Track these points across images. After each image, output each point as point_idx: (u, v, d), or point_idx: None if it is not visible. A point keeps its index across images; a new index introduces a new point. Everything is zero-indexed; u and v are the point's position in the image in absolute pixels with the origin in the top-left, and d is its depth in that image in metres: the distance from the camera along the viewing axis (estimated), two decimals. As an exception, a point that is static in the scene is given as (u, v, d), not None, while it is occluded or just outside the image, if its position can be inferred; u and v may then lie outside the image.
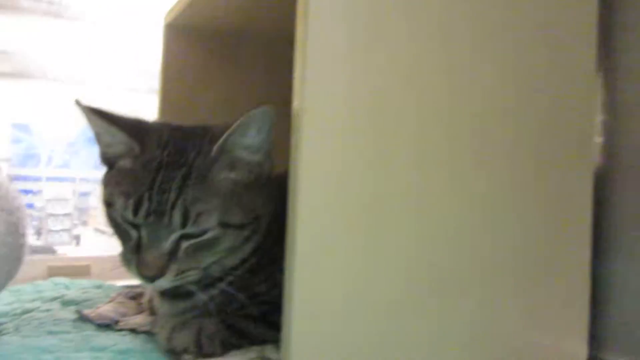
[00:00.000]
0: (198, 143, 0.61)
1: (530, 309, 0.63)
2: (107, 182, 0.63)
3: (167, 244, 0.58)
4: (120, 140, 0.61)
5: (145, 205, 0.57)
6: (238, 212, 0.60)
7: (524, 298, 0.63)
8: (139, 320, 0.74)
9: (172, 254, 0.58)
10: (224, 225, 0.59)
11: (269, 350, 0.61)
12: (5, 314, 0.75)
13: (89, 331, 0.69)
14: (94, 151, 0.64)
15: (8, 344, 0.59)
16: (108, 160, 0.64)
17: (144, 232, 0.58)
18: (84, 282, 0.95)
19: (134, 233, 0.59)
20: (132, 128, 0.62)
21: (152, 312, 0.79)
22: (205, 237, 0.59)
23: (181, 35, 1.06)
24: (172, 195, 0.57)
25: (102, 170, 0.65)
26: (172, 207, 0.57)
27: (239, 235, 0.61)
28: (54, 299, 0.83)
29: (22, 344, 0.59)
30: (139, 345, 0.65)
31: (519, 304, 0.63)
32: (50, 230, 2.67)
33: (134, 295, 0.87)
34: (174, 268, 0.58)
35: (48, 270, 1.00)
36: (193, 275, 0.60)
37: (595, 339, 0.68)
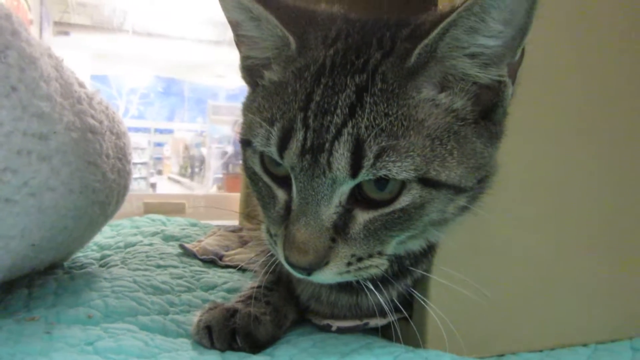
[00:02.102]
0: (388, 39, 0.37)
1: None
2: (246, 109, 0.41)
3: (330, 209, 0.35)
4: (269, 34, 0.38)
5: (297, 135, 0.34)
6: (455, 165, 0.35)
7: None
8: (244, 256, 0.69)
9: (341, 226, 0.35)
10: (426, 182, 0.35)
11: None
12: (108, 247, 0.72)
13: (197, 267, 0.64)
14: (167, 102, 0.54)
15: (120, 279, 0.54)
16: (250, 72, 0.42)
17: (295, 188, 0.35)
18: (180, 219, 0.91)
19: (280, 193, 0.38)
20: (288, 15, 0.39)
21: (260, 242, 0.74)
22: (399, 200, 0.35)
23: None
24: (338, 118, 0.34)
25: (174, 122, 0.56)
26: (336, 138, 0.34)
27: (451, 203, 0.37)
28: (155, 234, 0.79)
29: (134, 279, 0.54)
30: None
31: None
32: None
33: (235, 229, 0.82)
34: (344, 252, 0.36)
35: (144, 207, 0.97)
36: (376, 266, 0.37)
37: None
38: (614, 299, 0.55)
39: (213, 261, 0.67)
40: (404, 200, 0.34)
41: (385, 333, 0.47)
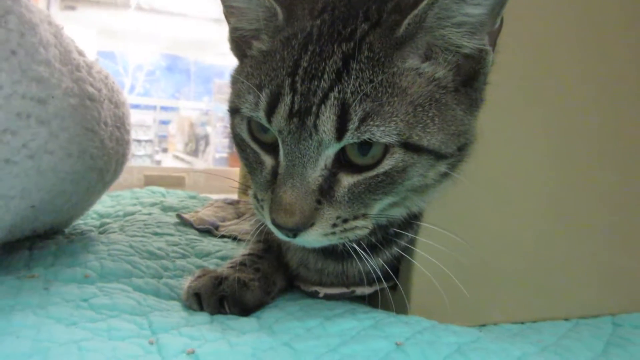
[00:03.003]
0: (374, 12, 0.38)
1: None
2: (235, 80, 0.42)
3: (316, 171, 0.36)
4: (257, 4, 0.39)
5: (285, 100, 0.36)
6: (436, 131, 0.37)
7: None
8: (239, 227, 0.70)
9: (326, 189, 0.37)
10: (408, 146, 0.36)
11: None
12: (108, 215, 0.74)
13: (192, 235, 0.66)
14: (172, 80, 0.54)
15: (117, 243, 0.56)
16: (239, 44, 0.43)
17: (282, 152, 0.37)
18: (179, 192, 0.93)
19: (267, 158, 0.39)
20: None
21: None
22: (382, 163, 0.36)
23: None
24: (325, 83, 0.35)
25: (180, 100, 0.57)
26: (323, 101, 0.35)
27: (432, 168, 0.38)
28: (153, 204, 0.81)
29: (130, 244, 0.56)
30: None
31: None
32: (134, 155, 2.77)
33: (232, 202, 0.84)
34: (329, 214, 0.37)
35: (145, 179, 0.98)
36: (359, 228, 0.39)
37: None
38: (598, 276, 0.56)
39: (209, 231, 0.69)
40: (387, 164, 0.36)
41: (372, 302, 0.49)
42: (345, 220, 0.37)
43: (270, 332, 0.38)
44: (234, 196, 1.00)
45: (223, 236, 0.68)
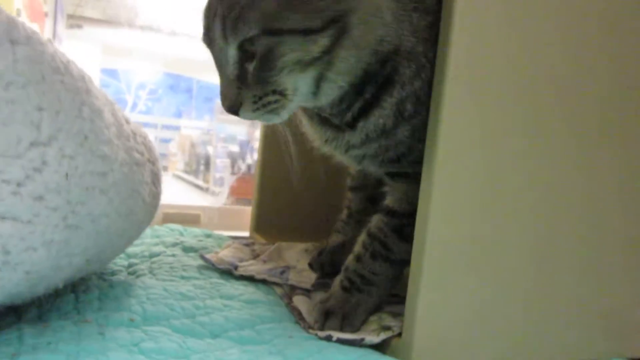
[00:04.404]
0: None
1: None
2: None
3: (230, 67, 0.49)
4: None
5: (206, 18, 0.50)
6: (290, 12, 0.45)
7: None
8: (257, 267, 0.77)
9: (241, 79, 0.49)
10: (271, 32, 0.46)
11: (387, 320, 0.61)
12: (135, 255, 0.81)
13: (215, 278, 0.73)
14: (175, 98, 0.64)
15: (153, 287, 0.63)
16: None
17: (215, 59, 0.51)
18: (196, 230, 1.00)
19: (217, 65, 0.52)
20: None
21: (271, 256, 0.83)
22: (258, 51, 0.47)
23: None
24: (214, 6, 0.49)
25: (181, 119, 0.67)
26: (213, 19, 0.48)
27: (306, 46, 0.47)
28: (175, 244, 0.88)
29: (164, 287, 0.64)
30: (262, 296, 0.68)
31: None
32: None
33: (248, 243, 0.91)
34: (248, 95, 0.49)
35: (163, 217, 1.06)
36: (275, 102, 0.50)
37: None
38: (594, 320, 0.62)
39: (229, 271, 0.76)
40: (260, 47, 0.47)
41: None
42: (260, 97, 0.49)
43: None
44: (246, 233, 1.08)
45: (242, 276, 0.75)
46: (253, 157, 5.24)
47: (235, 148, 5.31)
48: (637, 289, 0.64)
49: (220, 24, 0.47)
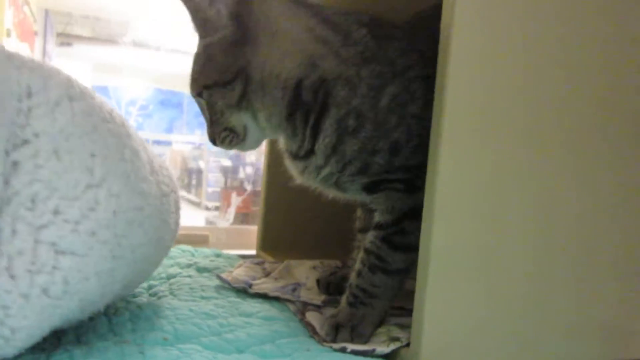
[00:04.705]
0: None
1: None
2: None
3: (204, 112, 0.66)
4: None
5: None
6: (211, 72, 0.61)
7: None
8: (269, 285, 0.83)
9: (211, 120, 0.65)
10: (206, 86, 0.62)
11: (395, 331, 0.68)
12: (153, 277, 0.86)
13: (232, 297, 0.78)
14: (165, 114, 0.75)
15: (179, 308, 0.69)
16: None
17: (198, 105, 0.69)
18: (206, 250, 1.06)
19: None
20: None
21: (281, 274, 0.89)
22: (207, 101, 0.64)
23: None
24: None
25: (173, 134, 0.79)
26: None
27: (227, 93, 0.61)
28: (189, 265, 0.93)
29: (189, 308, 0.69)
30: (278, 312, 0.74)
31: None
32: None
33: (258, 262, 0.97)
34: (216, 132, 0.66)
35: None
36: (229, 138, 0.65)
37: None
38: (592, 328, 0.65)
39: (244, 289, 0.82)
40: (205, 98, 0.65)
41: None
42: (219, 134, 0.66)
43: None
44: (253, 251, 1.13)
45: (257, 294, 0.81)
46: (245, 171, 5.26)
47: (227, 162, 5.33)
48: (633, 299, 0.68)
49: (190, 82, 0.65)
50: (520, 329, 0.62)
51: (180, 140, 6.40)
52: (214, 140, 0.67)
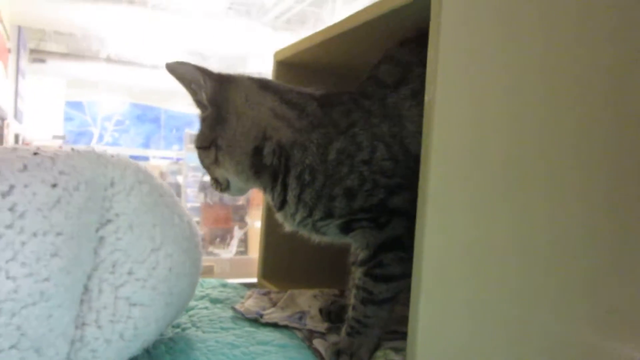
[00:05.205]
0: None
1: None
2: None
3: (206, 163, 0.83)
4: None
5: None
6: (199, 138, 0.80)
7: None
8: (278, 315, 0.95)
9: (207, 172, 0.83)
10: (199, 147, 0.80)
11: (391, 355, 0.81)
12: (173, 309, 0.97)
13: (247, 327, 0.90)
14: (143, 129, 0.87)
15: (205, 341, 0.80)
16: None
17: None
18: (212, 281, 1.17)
19: None
20: None
21: (286, 303, 1.01)
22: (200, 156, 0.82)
23: (287, 69, 1.24)
24: None
25: (150, 149, 0.91)
26: None
27: (208, 155, 0.79)
28: (202, 297, 1.05)
29: (215, 339, 0.81)
30: (289, 340, 0.86)
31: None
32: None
33: (265, 292, 1.09)
34: (210, 180, 0.83)
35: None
36: (215, 185, 0.83)
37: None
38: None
39: (255, 319, 0.94)
40: (199, 156, 0.84)
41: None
42: (210, 179, 0.85)
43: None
44: (254, 279, 1.25)
45: (268, 323, 0.93)
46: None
47: (207, 177, 5.35)
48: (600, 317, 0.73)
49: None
50: (507, 348, 0.67)
51: (158, 155, 6.41)
52: (211, 185, 0.85)
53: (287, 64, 1.21)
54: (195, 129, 0.84)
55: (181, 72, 0.76)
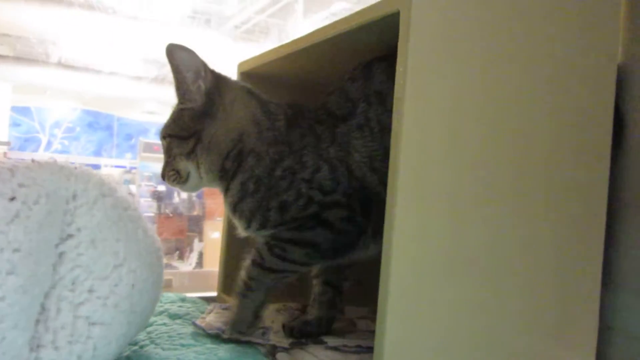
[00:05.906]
0: None
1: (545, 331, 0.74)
2: None
3: (165, 154, 0.83)
4: None
5: None
6: (176, 127, 0.79)
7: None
8: (240, 332, 0.93)
9: (166, 162, 0.82)
10: (169, 135, 0.80)
11: None
12: (130, 326, 0.93)
13: (209, 344, 0.88)
14: (94, 136, 0.86)
15: (168, 358, 0.77)
16: None
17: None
18: (171, 295, 1.13)
19: None
20: None
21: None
22: (167, 145, 0.80)
23: (251, 81, 1.23)
24: None
25: (102, 157, 0.90)
26: None
27: (182, 145, 0.78)
28: (161, 312, 1.01)
29: (175, 357, 0.78)
30: (253, 357, 0.84)
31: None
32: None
33: (226, 307, 1.06)
34: (166, 169, 0.82)
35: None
36: (174, 177, 0.81)
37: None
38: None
39: (218, 335, 0.91)
40: (167, 142, 0.83)
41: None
42: (169, 172, 0.83)
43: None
44: (214, 293, 1.22)
45: (229, 339, 0.91)
46: (181, 196, 5.17)
47: (161, 187, 5.21)
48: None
49: (162, 126, 0.80)
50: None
51: (110, 164, 6.19)
52: (163, 175, 0.83)
53: (251, 75, 1.20)
54: (149, 137, 0.82)
55: (181, 57, 0.75)
